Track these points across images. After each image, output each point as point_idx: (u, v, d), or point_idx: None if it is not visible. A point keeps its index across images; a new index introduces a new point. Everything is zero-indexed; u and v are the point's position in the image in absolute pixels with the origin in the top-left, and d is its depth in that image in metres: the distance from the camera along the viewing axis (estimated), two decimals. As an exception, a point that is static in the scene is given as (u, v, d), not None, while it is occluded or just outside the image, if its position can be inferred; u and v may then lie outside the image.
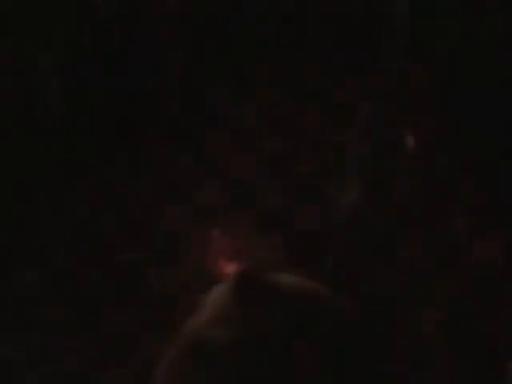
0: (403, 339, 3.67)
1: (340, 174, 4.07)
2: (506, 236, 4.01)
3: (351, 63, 4.61)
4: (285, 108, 4.59)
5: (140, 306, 3.85)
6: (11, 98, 4.51)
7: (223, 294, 2.57)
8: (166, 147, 4.49)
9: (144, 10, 4.74)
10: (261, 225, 4.12)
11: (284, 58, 4.77)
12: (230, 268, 3.96)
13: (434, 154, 4.32)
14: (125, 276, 3.95)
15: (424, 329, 3.73)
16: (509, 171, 4.21)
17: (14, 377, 3.64)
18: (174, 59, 4.77)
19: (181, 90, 4.71)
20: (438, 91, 4.55)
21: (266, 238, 4.07)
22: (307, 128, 4.48)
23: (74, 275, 3.97)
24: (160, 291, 3.90)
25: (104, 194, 4.28)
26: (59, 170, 4.39)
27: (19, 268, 4.01)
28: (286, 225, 4.13)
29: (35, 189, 4.31)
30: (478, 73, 4.47)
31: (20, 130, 4.48)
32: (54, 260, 4.03)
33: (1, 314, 3.87)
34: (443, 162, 4.30)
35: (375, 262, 3.91)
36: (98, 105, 4.56)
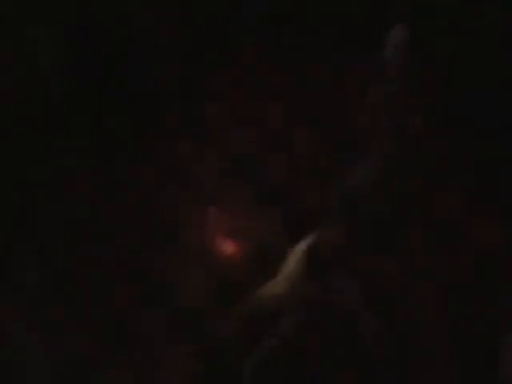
0: (404, 326, 3.69)
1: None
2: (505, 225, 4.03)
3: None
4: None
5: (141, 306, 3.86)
6: (11, 98, 4.51)
7: (297, 264, 2.74)
8: (166, 130, 4.52)
9: (144, 10, 4.74)
10: (260, 202, 4.16)
11: (284, 57, 4.78)
12: (229, 245, 3.99)
13: (433, 150, 4.33)
14: (126, 270, 3.97)
15: (423, 312, 3.75)
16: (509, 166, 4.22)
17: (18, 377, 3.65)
18: (173, 59, 4.77)
19: (181, 90, 4.72)
20: (438, 91, 4.55)
21: (265, 215, 4.10)
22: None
23: (74, 272, 3.98)
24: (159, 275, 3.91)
25: (104, 181, 4.30)
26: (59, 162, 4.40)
27: (19, 268, 4.01)
28: (285, 202, 4.17)
29: (35, 188, 4.32)
30: (478, 73, 4.47)
31: (20, 129, 4.49)
32: (54, 259, 4.04)
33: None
34: (442, 158, 4.31)
35: (375, 248, 3.93)
36: (98, 104, 4.57)
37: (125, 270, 3.97)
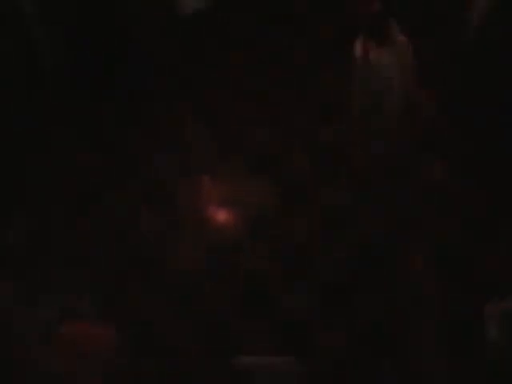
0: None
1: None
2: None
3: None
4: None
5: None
6: (12, 97, 4.54)
7: None
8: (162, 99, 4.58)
9: (145, 10, 4.76)
10: (250, 170, 4.24)
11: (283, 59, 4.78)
12: (220, 214, 4.02)
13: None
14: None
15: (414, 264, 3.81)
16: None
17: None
18: (173, 58, 4.78)
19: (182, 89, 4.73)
20: (439, 92, 4.55)
21: (255, 183, 4.14)
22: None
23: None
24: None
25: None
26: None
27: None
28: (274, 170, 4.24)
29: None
30: (478, 73, 4.48)
31: (20, 129, 4.51)
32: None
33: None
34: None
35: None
36: (98, 103, 4.59)
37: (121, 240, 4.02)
